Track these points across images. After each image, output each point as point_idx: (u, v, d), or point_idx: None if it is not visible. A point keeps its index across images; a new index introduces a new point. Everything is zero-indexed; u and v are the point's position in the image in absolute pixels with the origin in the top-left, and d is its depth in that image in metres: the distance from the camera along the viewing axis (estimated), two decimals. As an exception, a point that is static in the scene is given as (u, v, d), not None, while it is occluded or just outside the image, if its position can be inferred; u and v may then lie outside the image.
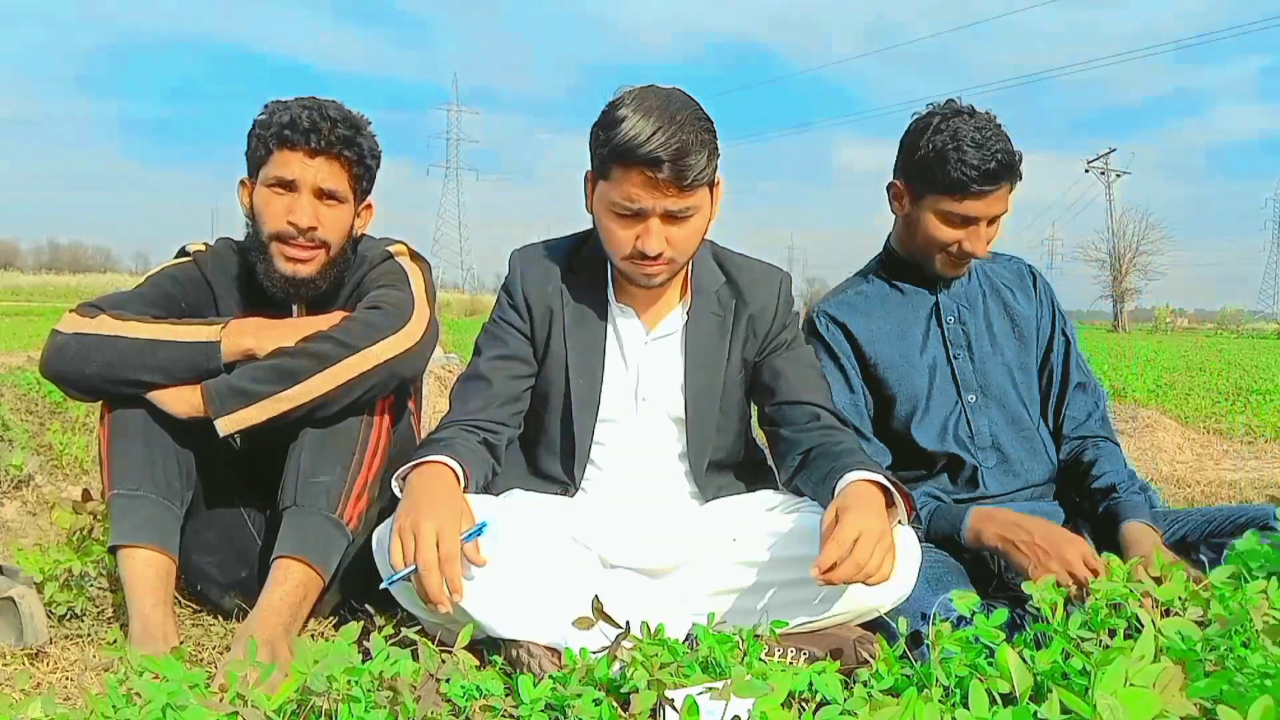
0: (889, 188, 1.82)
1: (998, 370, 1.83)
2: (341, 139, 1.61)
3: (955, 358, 1.83)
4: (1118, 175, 44.76)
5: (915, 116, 1.78)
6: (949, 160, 1.66)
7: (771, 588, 1.46)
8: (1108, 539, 1.64)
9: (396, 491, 1.43)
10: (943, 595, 1.37)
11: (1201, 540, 1.65)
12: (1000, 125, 1.71)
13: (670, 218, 1.46)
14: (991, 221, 1.73)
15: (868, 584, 1.30)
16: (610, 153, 1.43)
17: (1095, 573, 1.44)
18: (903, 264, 1.87)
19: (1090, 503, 1.74)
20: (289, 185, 1.61)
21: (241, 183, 1.69)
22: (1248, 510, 1.66)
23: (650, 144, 1.38)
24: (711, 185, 1.50)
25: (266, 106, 1.64)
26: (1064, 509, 1.81)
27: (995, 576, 1.69)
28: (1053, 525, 1.59)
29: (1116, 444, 1.84)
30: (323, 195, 1.62)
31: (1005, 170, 1.67)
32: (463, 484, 1.42)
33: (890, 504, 1.40)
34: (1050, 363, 1.90)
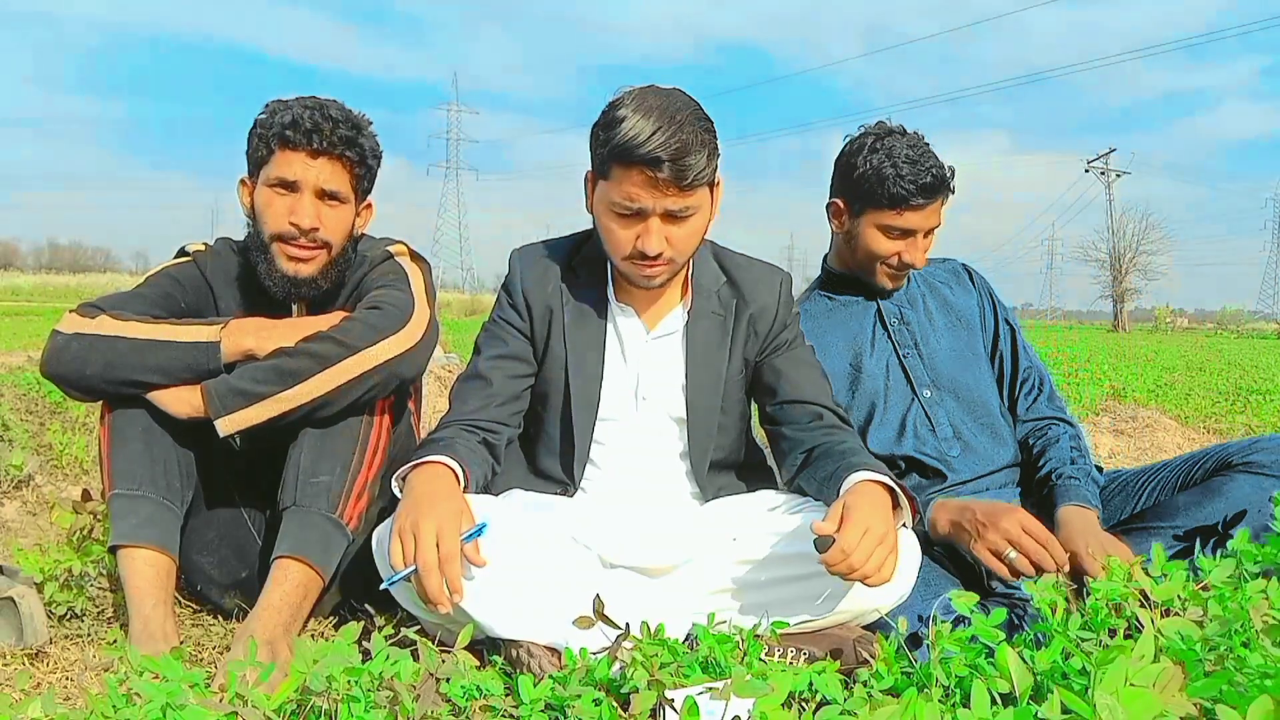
0: (828, 207, 1.91)
1: (948, 363, 1.89)
2: (343, 139, 1.61)
3: (905, 357, 1.89)
4: (1118, 175, 44.78)
5: (848, 138, 1.88)
6: (887, 177, 1.76)
7: (772, 587, 1.46)
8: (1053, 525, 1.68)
9: (396, 492, 1.43)
10: (941, 596, 1.38)
11: (1176, 491, 1.69)
12: (929, 145, 1.81)
13: (670, 217, 1.46)
14: (927, 233, 1.84)
15: (867, 584, 1.30)
16: (610, 152, 1.43)
17: (1038, 540, 1.50)
18: (842, 278, 1.96)
19: (1038, 494, 1.79)
20: (291, 186, 1.60)
21: (242, 182, 1.68)
22: (1210, 452, 1.69)
23: (650, 144, 1.38)
24: (711, 185, 1.50)
25: (267, 106, 1.64)
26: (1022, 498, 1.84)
27: (983, 580, 1.69)
28: (995, 501, 1.63)
29: (1069, 422, 1.89)
30: (325, 196, 1.62)
31: (940, 184, 1.78)
32: (463, 484, 1.42)
33: (895, 505, 1.40)
34: (999, 350, 1.97)
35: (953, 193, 1.83)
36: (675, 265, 1.52)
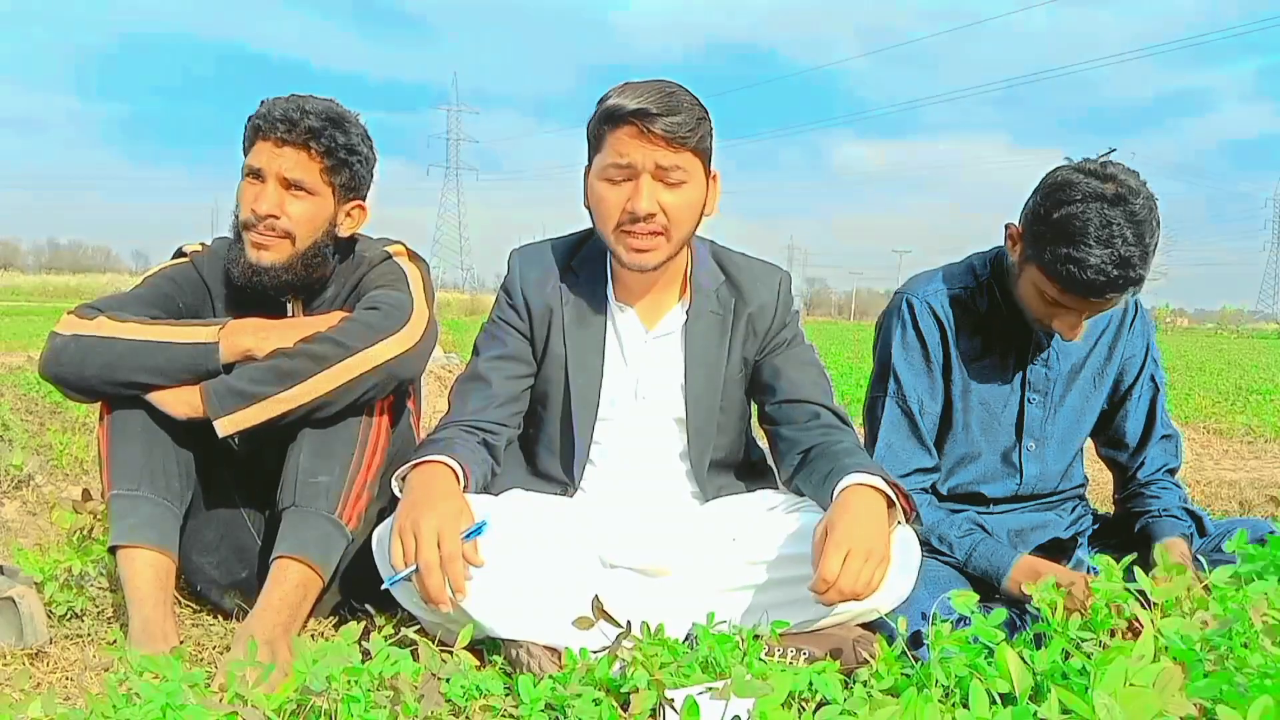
0: (1006, 226, 1.64)
1: (1067, 419, 1.77)
2: (309, 130, 1.59)
3: (1029, 401, 1.74)
4: (1118, 175, 44.71)
5: (1067, 163, 1.56)
6: (1059, 254, 1.47)
7: (771, 587, 1.46)
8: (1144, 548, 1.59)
9: (396, 492, 1.43)
10: (942, 595, 1.37)
11: (1196, 553, 1.64)
12: (1148, 223, 1.46)
13: (662, 178, 1.46)
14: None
15: (858, 599, 1.29)
16: (602, 118, 1.46)
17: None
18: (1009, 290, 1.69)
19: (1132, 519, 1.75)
20: (258, 175, 1.61)
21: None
22: (1241, 525, 1.65)
23: (639, 99, 1.43)
24: (705, 160, 1.51)
25: (261, 103, 1.65)
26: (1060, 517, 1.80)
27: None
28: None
29: (1180, 486, 1.80)
30: (289, 185, 1.62)
31: (1120, 286, 1.46)
32: (462, 484, 1.42)
33: (891, 503, 1.40)
34: (1129, 405, 1.79)
35: (1139, 290, 1.51)
36: (669, 240, 1.51)
